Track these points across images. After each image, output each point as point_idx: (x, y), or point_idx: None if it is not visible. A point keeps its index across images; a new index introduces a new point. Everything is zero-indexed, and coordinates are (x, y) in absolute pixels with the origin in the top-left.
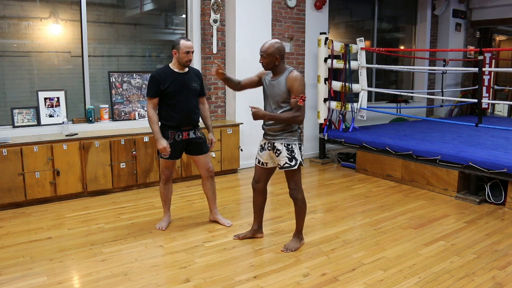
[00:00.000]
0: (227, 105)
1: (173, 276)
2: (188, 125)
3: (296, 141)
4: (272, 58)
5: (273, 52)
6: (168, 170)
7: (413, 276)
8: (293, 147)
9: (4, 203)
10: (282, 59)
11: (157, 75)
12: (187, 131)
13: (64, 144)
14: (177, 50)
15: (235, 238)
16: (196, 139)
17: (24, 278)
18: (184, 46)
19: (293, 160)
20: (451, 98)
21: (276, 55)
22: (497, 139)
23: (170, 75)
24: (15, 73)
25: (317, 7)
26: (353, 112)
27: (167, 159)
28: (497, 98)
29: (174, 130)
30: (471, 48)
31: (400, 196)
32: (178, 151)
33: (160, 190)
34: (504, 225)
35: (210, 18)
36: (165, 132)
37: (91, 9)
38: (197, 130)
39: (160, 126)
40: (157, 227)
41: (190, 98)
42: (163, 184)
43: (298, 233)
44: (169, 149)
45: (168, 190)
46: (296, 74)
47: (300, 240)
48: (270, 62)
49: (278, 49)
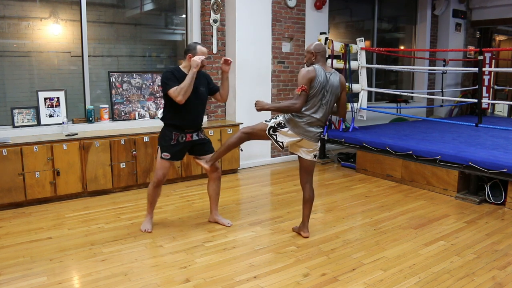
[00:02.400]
0: (227, 105)
1: (173, 276)
2: (192, 127)
3: (282, 120)
4: (310, 55)
5: (309, 50)
6: (162, 172)
7: (413, 276)
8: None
9: (4, 203)
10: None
11: (171, 71)
12: (190, 133)
13: (64, 144)
14: (193, 55)
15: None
16: (200, 141)
17: (24, 278)
18: (201, 52)
19: (271, 121)
20: (451, 98)
21: (312, 51)
22: (497, 139)
23: (181, 77)
24: (15, 73)
25: (317, 7)
26: (353, 112)
27: (169, 159)
28: (497, 98)
29: (178, 131)
30: (471, 48)
31: (400, 196)
32: (180, 152)
33: (149, 192)
34: (504, 225)
35: (210, 18)
36: (168, 132)
37: (91, 9)
38: (200, 132)
39: (165, 126)
40: (142, 229)
41: (197, 102)
42: (153, 187)
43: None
44: (205, 61)
45: (157, 193)
46: (304, 68)
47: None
48: (308, 59)
49: (315, 47)
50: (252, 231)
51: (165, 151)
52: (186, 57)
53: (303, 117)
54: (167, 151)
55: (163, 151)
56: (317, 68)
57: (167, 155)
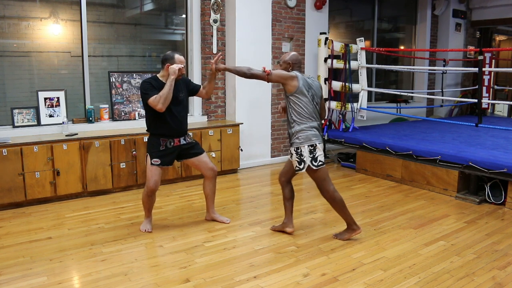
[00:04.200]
0: (227, 105)
1: (173, 276)
2: (178, 134)
3: (305, 144)
4: (287, 65)
5: (287, 60)
6: (154, 180)
7: (413, 276)
8: (302, 150)
9: (4, 203)
10: (297, 68)
11: (149, 81)
12: (177, 137)
13: (64, 144)
14: (171, 63)
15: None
16: (187, 145)
17: (24, 278)
18: (178, 61)
19: (302, 163)
20: (451, 98)
21: (289, 61)
22: (497, 139)
23: (159, 86)
24: (15, 73)
25: (317, 7)
26: (353, 112)
27: (159, 165)
28: (497, 98)
29: (165, 137)
30: (471, 48)
31: (400, 196)
32: (169, 157)
33: (143, 200)
34: (504, 225)
35: (210, 18)
36: (156, 139)
37: (91, 9)
38: (186, 136)
39: (151, 135)
40: (142, 230)
41: (179, 109)
42: (147, 196)
43: (348, 225)
44: (183, 70)
45: (152, 201)
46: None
47: (352, 231)
48: (284, 69)
49: (292, 58)
50: (252, 231)
51: (154, 157)
52: (164, 66)
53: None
54: (156, 157)
55: (152, 157)
56: (298, 74)
57: (157, 161)
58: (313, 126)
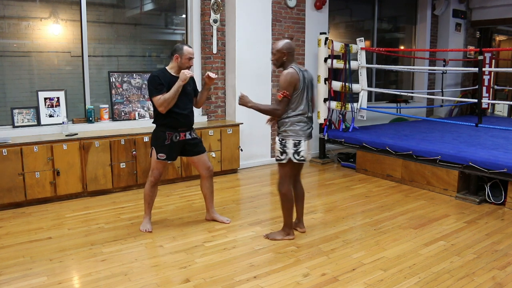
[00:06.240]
0: (227, 105)
1: (173, 276)
2: (185, 126)
3: (291, 137)
4: (281, 55)
5: (281, 49)
6: (158, 171)
7: (413, 276)
8: (287, 142)
9: (4, 203)
10: (290, 57)
11: (157, 75)
12: (183, 131)
13: (64, 144)
14: (180, 55)
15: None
16: (192, 140)
17: (24, 278)
18: (187, 52)
19: (283, 154)
20: (451, 98)
21: (284, 51)
22: (497, 139)
23: (168, 78)
24: (15, 73)
25: (317, 7)
26: (353, 112)
27: (164, 160)
28: (497, 98)
29: (171, 131)
30: (471, 48)
31: (400, 196)
32: (175, 152)
33: (145, 192)
34: (504, 225)
35: (210, 18)
36: (162, 132)
37: (91, 9)
38: (192, 131)
39: (157, 126)
40: (142, 230)
41: (186, 101)
42: (150, 187)
43: (284, 226)
44: (192, 73)
45: (154, 193)
46: (286, 71)
47: (285, 235)
48: (278, 59)
49: (286, 46)
50: (252, 231)
51: (160, 151)
52: (173, 57)
53: (299, 118)
54: (162, 151)
55: (158, 152)
56: (297, 70)
57: (163, 156)
58: (303, 120)
